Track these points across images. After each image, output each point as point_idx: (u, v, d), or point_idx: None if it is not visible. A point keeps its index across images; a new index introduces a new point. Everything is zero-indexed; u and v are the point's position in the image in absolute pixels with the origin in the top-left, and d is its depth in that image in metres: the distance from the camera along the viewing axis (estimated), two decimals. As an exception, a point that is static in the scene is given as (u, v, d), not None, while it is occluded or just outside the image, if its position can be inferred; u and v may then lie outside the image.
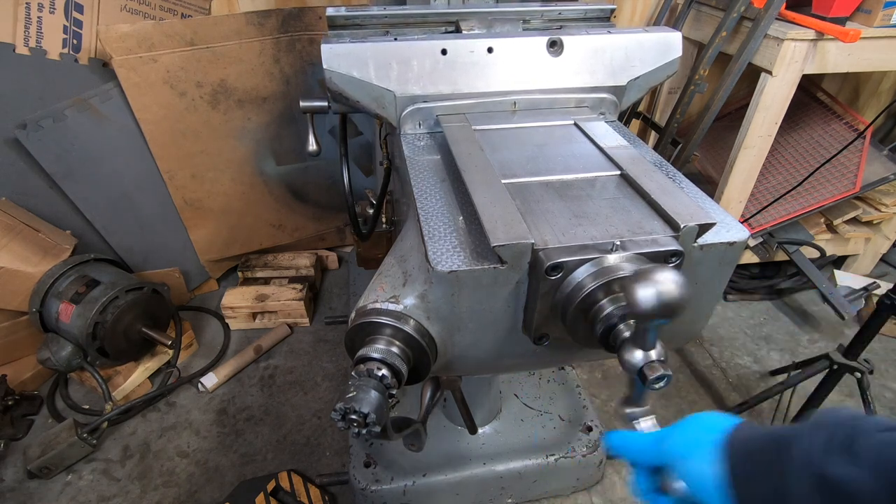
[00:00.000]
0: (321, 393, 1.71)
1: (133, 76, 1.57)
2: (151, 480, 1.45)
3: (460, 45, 0.85)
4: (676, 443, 0.48)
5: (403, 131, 0.88)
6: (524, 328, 0.66)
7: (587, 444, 1.34)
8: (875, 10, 1.46)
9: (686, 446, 0.47)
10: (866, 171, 1.84)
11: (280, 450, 1.53)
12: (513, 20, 1.03)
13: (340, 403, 0.57)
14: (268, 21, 1.68)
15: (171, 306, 1.75)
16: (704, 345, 1.89)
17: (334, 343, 1.90)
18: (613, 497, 1.41)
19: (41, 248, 1.57)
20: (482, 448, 1.32)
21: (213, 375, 1.70)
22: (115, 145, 1.66)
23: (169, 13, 1.75)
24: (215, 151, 1.81)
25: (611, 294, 0.57)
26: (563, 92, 0.91)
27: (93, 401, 1.66)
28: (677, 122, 1.80)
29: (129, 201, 1.77)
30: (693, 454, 0.46)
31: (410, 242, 0.71)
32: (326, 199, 2.13)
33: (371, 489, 1.23)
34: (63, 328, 1.54)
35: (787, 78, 1.53)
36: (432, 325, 0.64)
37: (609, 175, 0.73)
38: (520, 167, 0.74)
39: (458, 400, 1.06)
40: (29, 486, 1.42)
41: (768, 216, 1.90)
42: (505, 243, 0.56)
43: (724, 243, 0.64)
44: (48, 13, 1.54)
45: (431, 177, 0.77)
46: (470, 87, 0.87)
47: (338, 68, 0.82)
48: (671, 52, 0.92)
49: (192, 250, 1.97)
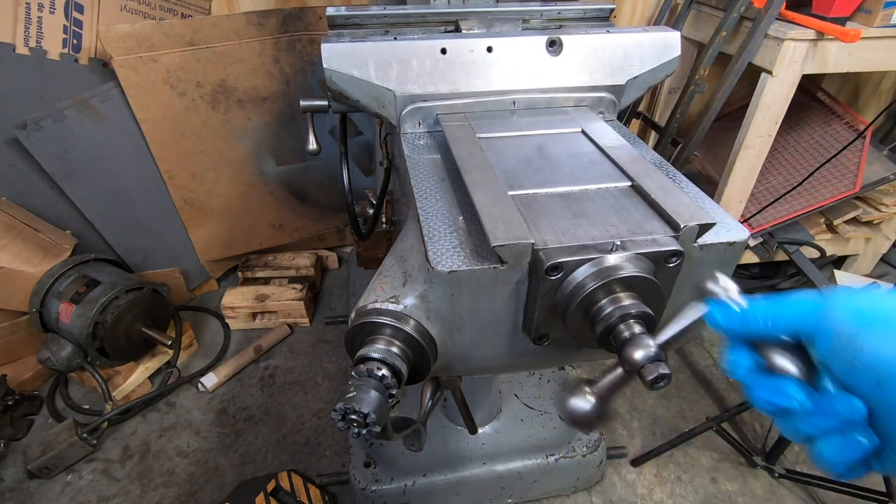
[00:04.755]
0: (321, 393, 1.71)
1: (133, 76, 1.57)
2: (151, 480, 1.45)
3: (460, 44, 0.85)
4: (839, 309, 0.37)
5: (403, 130, 0.88)
6: (524, 328, 0.66)
7: (587, 444, 1.34)
8: (875, 10, 1.46)
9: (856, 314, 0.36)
10: (866, 171, 1.84)
11: (280, 450, 1.53)
12: (512, 20, 1.03)
13: (340, 403, 0.57)
14: (268, 21, 1.68)
15: (171, 306, 1.75)
16: (704, 345, 1.89)
17: (334, 343, 1.90)
18: (613, 497, 1.41)
19: (41, 248, 1.57)
20: (482, 448, 1.32)
21: (213, 375, 1.70)
22: (115, 145, 1.66)
23: (169, 13, 1.75)
24: (215, 151, 1.81)
25: (611, 294, 0.57)
26: (562, 91, 0.91)
27: (93, 401, 1.66)
28: (677, 122, 1.80)
29: (129, 201, 1.77)
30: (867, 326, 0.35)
31: (410, 242, 0.71)
32: (326, 199, 2.13)
33: (371, 489, 1.23)
34: (63, 328, 1.54)
35: (787, 78, 1.53)
36: (432, 325, 0.64)
37: (618, 186, 0.72)
38: (523, 175, 0.74)
39: (458, 400, 1.06)
40: (29, 486, 1.43)
41: (768, 216, 1.90)
42: (505, 243, 0.56)
43: (724, 243, 0.64)
44: (48, 13, 1.54)
45: (431, 176, 0.76)
46: (469, 87, 0.87)
47: (338, 67, 0.82)
48: (670, 51, 0.92)
49: (192, 250, 1.97)
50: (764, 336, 0.41)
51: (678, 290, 0.65)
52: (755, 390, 0.41)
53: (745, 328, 0.42)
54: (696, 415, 1.64)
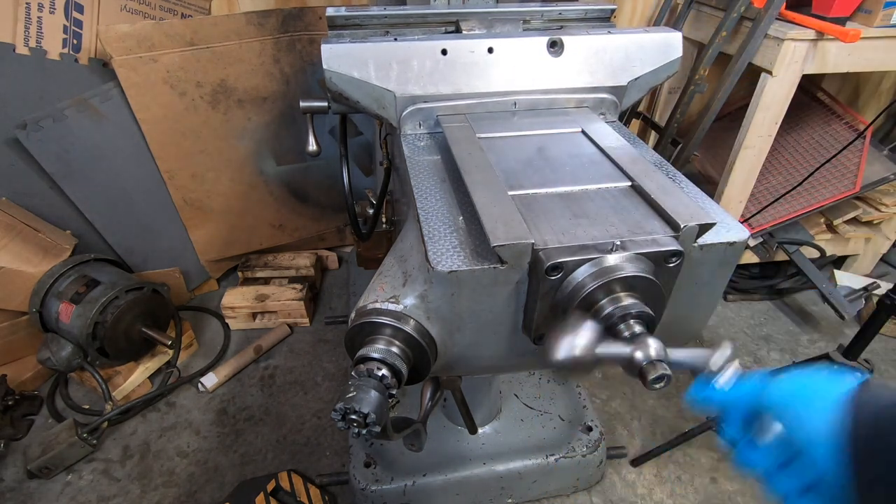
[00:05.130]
0: (321, 393, 1.71)
1: (133, 76, 1.57)
2: (151, 480, 1.45)
3: (461, 45, 0.85)
4: (787, 390, 0.47)
5: (404, 132, 0.88)
6: (524, 328, 0.66)
7: (587, 444, 1.34)
8: (875, 10, 1.46)
9: (801, 395, 0.46)
10: (866, 171, 1.84)
11: (280, 450, 1.53)
12: (513, 20, 1.03)
13: (340, 403, 0.57)
14: (268, 21, 1.68)
15: (171, 306, 1.75)
16: (704, 345, 1.89)
17: (334, 343, 1.90)
18: (613, 497, 1.41)
19: (41, 248, 1.57)
20: (482, 448, 1.32)
21: (213, 375, 1.70)
22: (115, 145, 1.66)
23: (169, 13, 1.75)
24: (215, 151, 1.81)
25: (611, 294, 0.57)
26: (564, 92, 0.91)
27: (93, 401, 1.66)
28: (677, 122, 1.80)
29: (129, 201, 1.77)
30: (808, 403, 0.45)
31: (410, 242, 0.71)
32: (326, 199, 2.13)
33: (371, 489, 1.23)
34: (63, 328, 1.54)
35: (787, 78, 1.53)
36: (432, 325, 0.64)
37: (618, 186, 0.72)
38: (523, 175, 0.74)
39: (458, 400, 1.06)
40: (29, 486, 1.42)
41: (768, 216, 1.90)
42: (505, 243, 0.56)
43: (724, 243, 0.64)
44: (48, 13, 1.54)
45: (431, 177, 0.77)
46: (470, 88, 0.87)
47: (338, 69, 0.82)
48: (672, 52, 0.92)
49: (192, 250, 1.97)
50: (749, 409, 0.50)
51: (678, 290, 0.65)
52: (739, 456, 0.50)
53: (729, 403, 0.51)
54: (696, 415, 1.64)
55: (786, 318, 2.02)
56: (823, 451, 0.43)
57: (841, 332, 1.94)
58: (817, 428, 0.43)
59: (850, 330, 1.94)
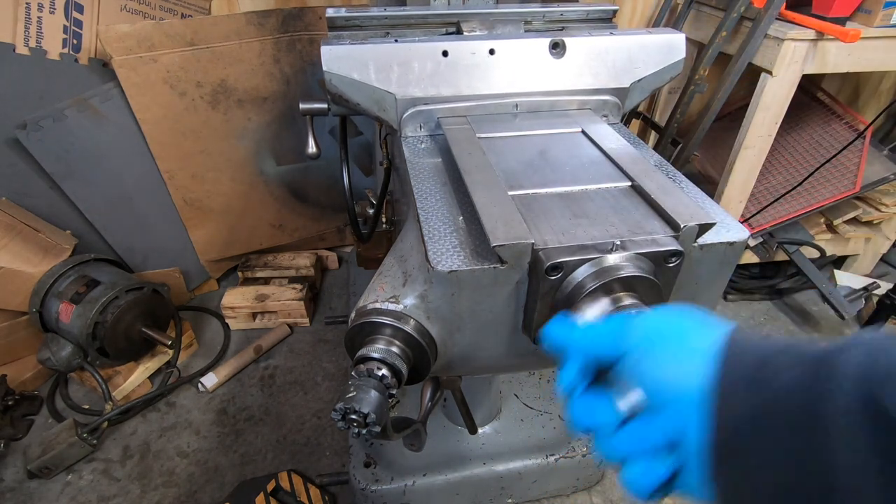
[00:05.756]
0: (321, 393, 1.71)
1: (133, 76, 1.57)
2: (151, 480, 1.45)
3: (462, 46, 0.85)
4: (650, 331, 0.40)
5: (404, 134, 0.88)
6: (524, 328, 0.66)
7: (587, 444, 1.34)
8: (875, 10, 1.46)
9: (666, 338, 0.38)
10: (866, 171, 1.84)
11: (280, 450, 1.53)
12: (514, 21, 1.03)
13: (340, 403, 0.57)
14: (268, 21, 1.68)
15: (171, 306, 1.75)
16: (704, 345, 1.89)
17: (334, 343, 1.90)
18: (613, 497, 1.41)
19: (41, 248, 1.57)
20: (482, 448, 1.32)
21: (213, 375, 1.71)
22: (115, 145, 1.66)
23: (169, 13, 1.75)
24: (215, 151, 1.81)
25: (611, 294, 0.57)
26: (566, 94, 0.90)
27: (93, 401, 1.66)
28: (677, 122, 1.80)
29: (129, 201, 1.77)
30: (673, 349, 0.37)
31: (410, 242, 0.71)
32: (327, 199, 2.13)
33: (371, 489, 1.23)
34: (63, 328, 1.54)
35: (787, 78, 1.53)
36: (432, 324, 0.64)
37: (618, 186, 0.72)
38: (523, 175, 0.74)
39: (458, 400, 1.06)
40: (29, 486, 1.43)
41: (768, 216, 1.90)
42: (505, 243, 0.56)
43: (724, 243, 0.64)
44: (48, 13, 1.54)
45: (432, 178, 0.76)
46: (471, 89, 0.87)
47: (338, 70, 0.81)
48: (675, 53, 0.92)
49: (192, 250, 1.97)
50: (599, 356, 0.43)
51: (678, 290, 0.65)
52: (571, 408, 0.43)
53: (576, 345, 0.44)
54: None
55: (786, 318, 2.02)
56: (685, 406, 0.35)
57: (841, 332, 1.94)
58: (680, 379, 0.36)
59: (850, 330, 1.94)
